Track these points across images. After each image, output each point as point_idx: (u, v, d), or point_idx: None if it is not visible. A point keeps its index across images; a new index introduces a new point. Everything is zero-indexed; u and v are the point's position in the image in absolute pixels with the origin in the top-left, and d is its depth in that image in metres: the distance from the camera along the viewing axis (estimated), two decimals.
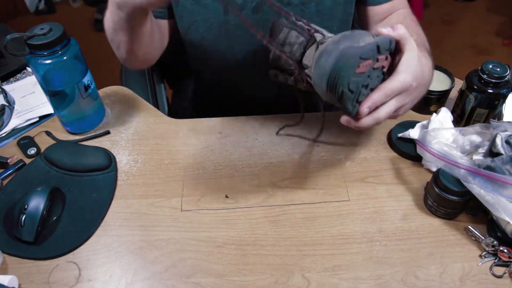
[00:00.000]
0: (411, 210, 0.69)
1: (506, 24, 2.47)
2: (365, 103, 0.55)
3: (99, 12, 2.66)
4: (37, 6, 2.79)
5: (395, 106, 0.57)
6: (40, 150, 0.80)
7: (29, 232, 0.64)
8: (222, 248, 0.65)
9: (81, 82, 0.77)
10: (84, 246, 0.66)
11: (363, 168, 0.75)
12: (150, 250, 0.65)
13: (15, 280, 0.60)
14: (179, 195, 0.72)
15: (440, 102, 0.82)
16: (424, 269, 0.61)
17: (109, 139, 0.83)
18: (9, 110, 0.89)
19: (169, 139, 0.82)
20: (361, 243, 0.65)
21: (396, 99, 0.57)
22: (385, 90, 0.55)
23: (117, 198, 0.72)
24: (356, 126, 0.57)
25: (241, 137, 0.82)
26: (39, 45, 0.69)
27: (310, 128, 0.83)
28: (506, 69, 0.72)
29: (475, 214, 0.67)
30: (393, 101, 0.57)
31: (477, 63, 0.75)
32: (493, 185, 0.60)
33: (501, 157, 0.63)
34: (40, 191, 0.67)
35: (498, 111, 0.77)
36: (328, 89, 0.53)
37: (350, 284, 0.60)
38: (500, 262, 0.61)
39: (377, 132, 0.82)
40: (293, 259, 0.63)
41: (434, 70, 0.85)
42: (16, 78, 0.98)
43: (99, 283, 0.61)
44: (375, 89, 0.56)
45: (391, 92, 0.56)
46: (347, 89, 0.53)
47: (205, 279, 0.61)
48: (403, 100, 0.57)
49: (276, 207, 0.70)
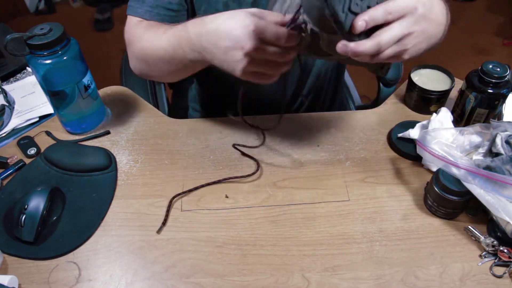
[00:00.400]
0: (411, 210, 0.69)
1: (506, 24, 2.47)
2: (361, 15, 0.48)
3: (99, 12, 2.66)
4: (37, 6, 2.79)
5: (399, 31, 0.49)
6: (40, 150, 0.80)
7: (29, 232, 0.64)
8: (222, 248, 0.65)
9: (81, 82, 0.77)
10: (84, 246, 0.66)
11: (363, 168, 0.75)
12: (150, 250, 0.65)
13: (15, 280, 0.60)
14: (179, 195, 0.72)
15: (440, 102, 0.82)
16: (424, 269, 0.61)
17: (109, 139, 0.83)
18: (9, 110, 0.89)
19: (169, 139, 0.82)
20: (361, 243, 0.65)
21: (399, 23, 0.49)
22: (385, 6, 0.48)
23: (117, 198, 0.72)
24: (354, 50, 0.48)
25: (241, 137, 0.82)
26: (39, 45, 0.69)
27: (311, 127, 0.83)
28: (506, 69, 0.72)
29: (475, 214, 0.67)
30: (396, 24, 0.49)
31: (477, 63, 0.75)
32: (493, 185, 0.60)
33: (501, 157, 0.63)
34: (40, 191, 0.67)
35: (498, 111, 0.77)
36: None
37: (350, 284, 0.60)
38: (500, 262, 0.61)
39: (377, 132, 0.82)
40: (293, 259, 0.63)
41: (435, 71, 0.85)
42: (16, 78, 0.98)
43: (99, 283, 0.61)
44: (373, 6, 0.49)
45: (392, 9, 0.48)
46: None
47: (205, 279, 0.61)
48: (408, 26, 0.50)
49: (276, 207, 0.70)
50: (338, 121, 0.84)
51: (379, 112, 0.86)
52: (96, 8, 2.70)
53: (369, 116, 0.85)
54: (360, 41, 0.48)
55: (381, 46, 0.49)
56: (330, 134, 0.82)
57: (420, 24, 0.51)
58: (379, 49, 0.49)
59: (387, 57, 0.50)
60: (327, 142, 0.80)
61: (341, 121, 0.84)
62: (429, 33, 0.54)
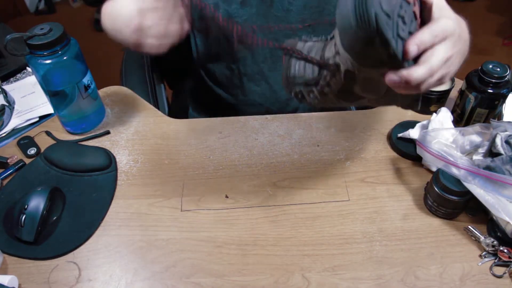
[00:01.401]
0: (411, 210, 0.69)
1: (506, 24, 2.47)
2: (412, 39, 0.46)
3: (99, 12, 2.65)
4: (37, 6, 2.79)
5: (446, 54, 0.48)
6: (40, 150, 0.80)
7: (29, 232, 0.64)
8: (222, 248, 0.65)
9: (81, 82, 0.77)
10: (84, 246, 0.66)
11: (363, 168, 0.75)
12: (150, 250, 0.65)
13: (15, 280, 0.60)
14: (179, 195, 0.72)
15: (440, 102, 0.82)
16: (424, 269, 0.61)
17: (109, 139, 0.83)
18: (9, 110, 0.89)
19: (169, 139, 0.82)
20: (361, 243, 0.65)
21: (444, 45, 0.49)
22: (430, 29, 0.48)
23: (117, 198, 0.72)
24: (407, 78, 0.46)
25: (241, 137, 0.82)
26: (39, 45, 0.69)
27: (311, 127, 0.83)
28: (506, 69, 0.72)
29: (475, 214, 0.67)
30: (442, 46, 0.48)
31: (477, 63, 0.75)
32: (493, 185, 0.60)
33: (501, 157, 0.63)
34: (40, 191, 0.67)
35: (498, 111, 0.77)
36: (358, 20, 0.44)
37: (350, 284, 0.60)
38: (500, 262, 0.61)
39: (377, 132, 0.82)
40: (293, 259, 0.63)
41: None
42: (16, 78, 0.98)
43: (99, 283, 0.61)
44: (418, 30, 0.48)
45: (437, 32, 0.48)
46: (380, 9, 0.43)
47: (205, 279, 0.61)
48: (451, 48, 0.49)
49: (276, 207, 0.70)
50: (338, 121, 0.84)
51: (379, 112, 0.86)
52: (96, 8, 2.70)
53: (369, 116, 0.85)
54: (413, 68, 0.46)
55: (433, 70, 0.47)
56: (330, 134, 0.82)
57: (458, 45, 0.51)
58: (431, 74, 0.47)
59: (435, 82, 0.49)
60: (327, 142, 0.80)
61: (341, 121, 0.84)
62: (464, 52, 0.54)
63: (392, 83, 0.47)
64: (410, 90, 0.49)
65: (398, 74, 0.46)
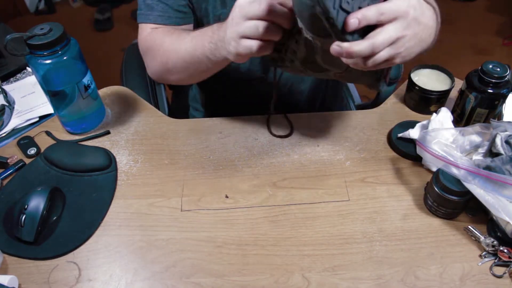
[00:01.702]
0: (411, 210, 0.69)
1: (506, 24, 2.47)
2: (354, 13, 0.47)
3: (99, 12, 2.66)
4: (37, 6, 2.79)
5: (394, 33, 0.49)
6: (40, 150, 0.80)
7: (29, 232, 0.64)
8: (222, 248, 0.65)
9: (81, 82, 0.77)
10: (84, 246, 0.66)
11: (363, 168, 0.75)
12: (150, 250, 0.65)
13: (15, 280, 0.60)
14: (179, 195, 0.72)
15: (440, 102, 0.82)
16: (424, 269, 0.61)
17: (109, 139, 0.83)
18: (9, 110, 0.89)
19: (169, 139, 0.82)
20: (361, 243, 0.65)
21: (393, 25, 0.49)
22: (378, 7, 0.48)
23: (117, 198, 0.72)
24: (348, 50, 0.48)
25: (241, 137, 0.82)
26: (39, 45, 0.69)
27: (311, 127, 0.83)
28: (506, 69, 0.72)
29: (475, 214, 0.67)
30: (390, 25, 0.49)
31: (477, 63, 0.75)
32: (493, 185, 0.60)
33: (501, 157, 0.63)
34: (40, 191, 0.67)
35: (498, 111, 0.77)
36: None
37: (350, 284, 0.60)
38: (500, 262, 0.61)
39: (377, 132, 0.82)
40: (293, 259, 0.63)
41: (435, 70, 0.85)
42: (16, 78, 0.98)
43: (99, 283, 0.61)
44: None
45: (385, 10, 0.48)
46: None
47: (205, 279, 0.61)
48: (401, 29, 0.50)
49: (276, 207, 0.70)
50: (338, 121, 0.84)
51: (379, 112, 0.86)
52: (96, 8, 2.70)
53: (369, 116, 0.85)
54: (354, 41, 0.48)
55: (376, 47, 0.48)
56: (330, 134, 0.82)
57: (413, 27, 0.51)
58: (373, 50, 0.48)
59: (381, 60, 0.50)
60: (327, 142, 0.80)
61: (341, 121, 0.84)
62: (421, 37, 0.54)
63: (335, 53, 0.48)
64: (356, 65, 0.50)
65: (341, 45, 0.47)
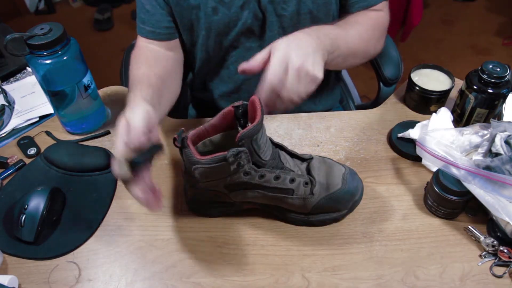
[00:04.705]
0: (411, 210, 0.69)
1: (506, 24, 2.47)
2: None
3: (99, 12, 2.66)
4: (37, 6, 2.79)
5: (279, 53, 0.59)
6: (40, 150, 0.80)
7: (29, 232, 0.64)
8: (222, 248, 0.65)
9: (81, 82, 0.77)
10: (84, 246, 0.66)
11: (363, 168, 0.75)
12: (150, 250, 0.65)
13: (15, 280, 0.60)
14: (179, 195, 0.72)
15: (440, 102, 0.82)
16: (424, 269, 0.61)
17: (109, 139, 0.83)
18: (9, 110, 0.89)
19: (169, 139, 0.82)
20: (361, 243, 0.65)
21: (275, 52, 0.59)
22: (265, 85, 0.59)
23: (117, 198, 0.72)
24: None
25: None
26: (39, 45, 0.69)
27: (311, 127, 0.83)
28: (506, 69, 0.72)
29: (475, 214, 0.67)
30: (274, 54, 0.59)
31: (477, 63, 0.75)
32: (493, 185, 0.60)
33: (501, 157, 0.63)
34: (40, 191, 0.67)
35: (498, 111, 0.77)
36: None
37: (350, 284, 0.60)
38: (500, 262, 0.61)
39: (377, 132, 0.82)
40: (293, 259, 0.63)
41: (435, 70, 0.85)
42: (16, 78, 0.98)
43: (99, 283, 0.61)
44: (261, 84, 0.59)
45: (266, 50, 0.60)
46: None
47: (205, 279, 0.61)
48: (283, 48, 0.59)
49: None
50: (338, 121, 0.84)
51: (379, 112, 0.86)
52: (96, 8, 2.70)
53: (369, 116, 0.85)
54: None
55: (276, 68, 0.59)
56: (330, 134, 0.82)
57: (291, 41, 0.61)
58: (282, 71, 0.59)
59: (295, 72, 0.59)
60: (327, 142, 0.80)
61: (341, 121, 0.84)
62: (311, 40, 0.62)
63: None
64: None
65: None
